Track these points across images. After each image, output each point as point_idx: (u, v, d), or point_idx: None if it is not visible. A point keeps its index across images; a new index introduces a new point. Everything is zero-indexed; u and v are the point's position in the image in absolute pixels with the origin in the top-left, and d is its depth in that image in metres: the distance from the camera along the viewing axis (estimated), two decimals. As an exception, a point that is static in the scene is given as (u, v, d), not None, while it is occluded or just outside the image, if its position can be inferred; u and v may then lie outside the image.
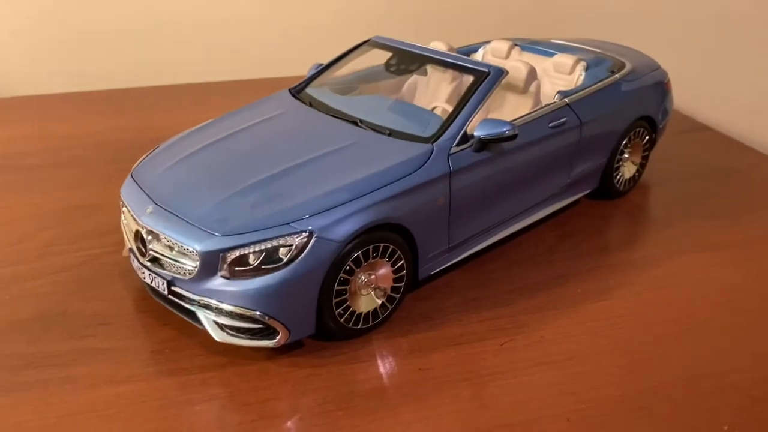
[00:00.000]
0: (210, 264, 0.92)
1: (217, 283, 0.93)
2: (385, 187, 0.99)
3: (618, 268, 1.24)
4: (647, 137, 1.46)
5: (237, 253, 0.92)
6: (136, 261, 1.03)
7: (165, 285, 0.98)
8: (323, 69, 1.34)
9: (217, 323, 0.96)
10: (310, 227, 0.93)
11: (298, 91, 1.30)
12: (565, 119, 1.25)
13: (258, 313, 0.92)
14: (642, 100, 1.42)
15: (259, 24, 2.16)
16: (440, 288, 1.16)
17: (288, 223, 0.93)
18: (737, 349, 1.05)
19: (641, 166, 1.49)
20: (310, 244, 0.92)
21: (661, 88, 1.48)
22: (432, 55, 1.24)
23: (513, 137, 1.10)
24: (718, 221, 1.40)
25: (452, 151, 1.08)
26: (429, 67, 1.31)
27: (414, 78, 1.37)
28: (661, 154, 1.69)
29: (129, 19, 2.06)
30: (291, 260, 0.92)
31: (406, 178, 1.02)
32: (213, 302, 0.94)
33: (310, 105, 1.23)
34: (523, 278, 1.20)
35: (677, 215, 1.43)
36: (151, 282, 1.00)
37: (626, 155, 1.44)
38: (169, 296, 0.99)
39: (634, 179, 1.48)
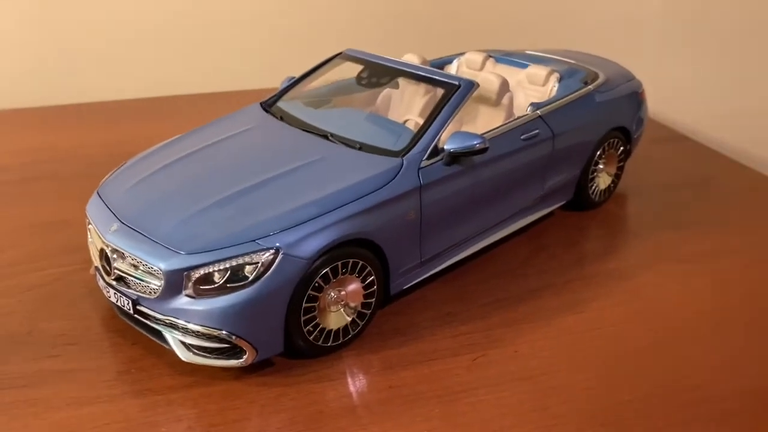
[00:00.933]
0: (175, 283, 0.91)
1: (183, 302, 0.92)
2: (354, 202, 0.98)
3: (593, 280, 1.23)
4: (622, 148, 1.46)
5: (202, 271, 0.90)
6: (101, 280, 1.01)
7: (130, 304, 0.96)
8: (295, 82, 1.33)
9: (183, 343, 0.94)
10: (276, 244, 0.91)
11: (269, 104, 1.28)
12: (537, 131, 1.24)
13: (224, 332, 0.91)
14: (616, 110, 1.42)
15: (231, 36, 2.15)
16: (413, 303, 1.15)
17: (254, 240, 0.92)
18: (711, 361, 1.05)
19: (616, 177, 1.49)
20: (276, 262, 0.91)
21: (635, 98, 1.49)
22: (403, 68, 1.23)
23: (483, 150, 1.09)
24: (693, 232, 1.40)
25: (423, 164, 1.07)
26: (401, 80, 1.31)
27: (387, 91, 1.36)
28: (638, 164, 1.69)
29: (101, 34, 2.04)
30: (257, 278, 0.90)
31: (375, 193, 1.01)
32: (179, 321, 0.92)
33: (281, 119, 1.22)
34: (498, 292, 1.19)
35: (652, 226, 1.43)
36: (117, 301, 0.99)
37: (601, 166, 1.43)
38: (135, 315, 0.97)
39: (609, 190, 1.48)
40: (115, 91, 2.02)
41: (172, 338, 0.94)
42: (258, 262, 0.90)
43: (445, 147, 1.08)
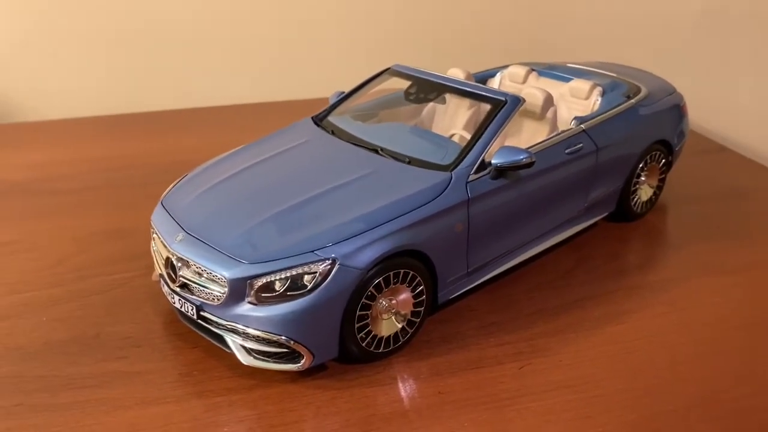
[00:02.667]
0: (238, 290, 0.96)
1: (244, 308, 0.97)
2: (405, 215, 1.03)
3: (635, 291, 1.26)
4: (663, 160, 1.48)
5: (264, 280, 0.96)
6: (166, 286, 1.07)
7: (194, 310, 1.02)
8: (345, 97, 1.38)
9: (244, 347, 0.99)
10: (333, 255, 0.96)
11: (320, 118, 1.34)
12: (581, 145, 1.27)
13: (283, 337, 0.96)
14: (658, 124, 1.44)
15: (282, 47, 2.22)
16: (460, 311, 1.19)
17: (312, 251, 0.97)
18: (752, 372, 1.07)
19: (658, 189, 1.51)
20: (333, 272, 0.96)
21: (677, 111, 1.51)
22: (450, 84, 1.27)
23: (530, 164, 1.13)
24: (735, 243, 1.42)
25: (470, 178, 1.11)
26: (447, 95, 1.35)
27: (432, 105, 1.40)
28: (680, 175, 1.71)
29: (158, 42, 2.12)
30: (315, 287, 0.96)
31: (425, 206, 1.05)
32: (240, 327, 0.98)
33: (333, 133, 1.27)
34: (542, 302, 1.22)
35: (694, 237, 1.44)
36: (181, 307, 1.05)
37: (643, 178, 1.46)
38: (198, 321, 1.03)
39: (651, 201, 1.50)
40: (172, 99, 2.10)
41: (233, 342, 1.00)
42: (316, 272, 0.96)
43: (492, 161, 1.12)
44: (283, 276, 0.96)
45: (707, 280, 1.30)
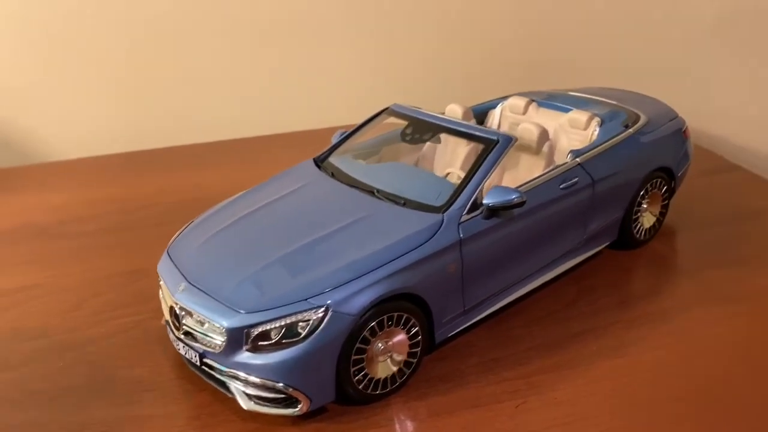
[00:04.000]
0: (236, 339, 1.00)
1: (243, 356, 1.01)
2: (398, 259, 1.06)
3: (635, 323, 1.26)
4: (665, 187, 1.48)
5: (260, 329, 1.00)
6: (171, 333, 1.12)
7: (197, 357, 1.06)
8: (346, 137, 1.42)
9: (245, 393, 1.03)
10: (326, 302, 1.00)
11: (322, 159, 1.38)
12: (576, 179, 1.29)
13: (280, 384, 1.00)
14: (658, 151, 1.44)
15: (293, 78, 2.27)
16: (458, 349, 1.21)
17: (306, 299, 1.00)
18: (753, 408, 1.07)
19: (661, 215, 1.51)
20: (326, 319, 0.99)
21: (678, 137, 1.51)
22: (444, 124, 1.30)
23: (521, 204, 1.15)
24: (741, 270, 1.41)
25: (462, 219, 1.14)
26: (442, 135, 1.37)
27: (435, 142, 1.43)
28: (688, 197, 1.70)
29: (171, 75, 2.18)
30: (309, 334, 0.99)
31: (417, 249, 1.08)
32: (240, 374, 1.02)
33: (332, 175, 1.30)
34: (541, 336, 1.24)
35: (699, 264, 1.44)
36: (185, 354, 1.09)
37: (645, 206, 1.46)
38: (202, 367, 1.07)
39: (654, 228, 1.50)
40: (188, 134, 2.16)
41: (235, 388, 1.04)
42: (310, 320, 0.99)
43: (485, 201, 1.14)
44: (278, 325, 0.99)
45: (710, 310, 1.29)
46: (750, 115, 2.64)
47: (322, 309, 0.99)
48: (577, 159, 1.31)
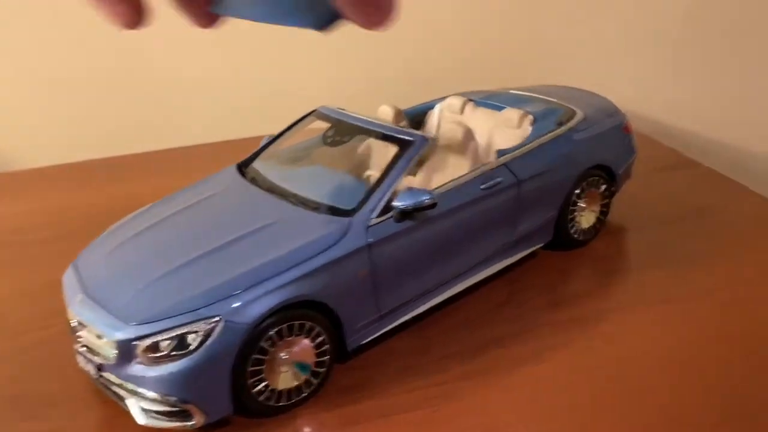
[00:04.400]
0: (126, 352, 0.97)
1: (136, 369, 0.98)
2: (298, 265, 1.02)
3: (562, 326, 1.22)
4: (604, 186, 1.44)
5: (148, 341, 0.96)
6: (74, 345, 1.09)
7: (95, 370, 1.03)
8: (271, 141, 1.38)
9: (140, 407, 1.00)
10: (218, 312, 0.96)
11: (246, 164, 1.34)
12: (499, 179, 1.25)
13: (172, 398, 0.96)
14: (593, 149, 1.40)
15: (236, 86, 2.23)
16: (376, 356, 1.17)
17: (196, 310, 0.97)
18: (680, 412, 1.02)
19: (602, 214, 1.46)
20: (217, 330, 0.96)
21: (617, 133, 1.47)
22: (363, 126, 1.26)
23: (432, 206, 1.11)
24: (680, 270, 1.37)
25: (372, 222, 1.10)
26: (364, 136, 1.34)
27: (359, 145, 1.39)
28: (639, 194, 1.67)
29: (115, 87, 2.16)
30: (199, 346, 0.95)
31: (320, 255, 1.04)
32: (133, 387, 0.98)
33: (253, 180, 1.27)
34: (462, 342, 1.20)
35: (639, 264, 1.40)
36: (85, 366, 1.06)
37: (582, 204, 1.42)
38: (100, 380, 1.04)
39: (595, 228, 1.46)
40: (134, 143, 2.13)
41: (131, 402, 1.00)
42: (199, 331, 0.96)
43: (394, 204, 1.11)
44: (166, 336, 0.96)
45: (642, 312, 1.25)
46: (713, 110, 2.60)
47: (213, 319, 0.96)
48: (501, 159, 1.27)
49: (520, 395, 1.07)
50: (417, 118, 1.56)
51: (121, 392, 1.01)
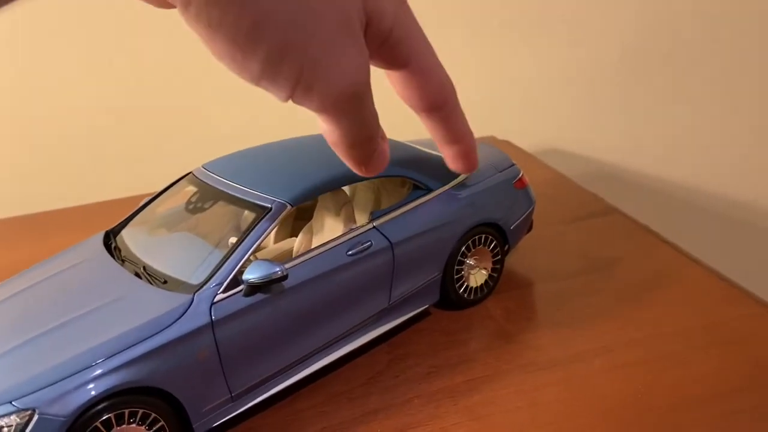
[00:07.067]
0: (-62, 448, 0.91)
1: (-47, 466, 0.91)
2: (127, 349, 0.96)
3: (434, 398, 1.16)
4: (494, 243, 1.39)
5: (-43, 436, 0.90)
6: None
7: None
8: (145, 205, 1.33)
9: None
10: (32, 405, 0.90)
11: (116, 232, 1.29)
12: (369, 243, 1.20)
13: (-18, 500, 0.90)
14: (479, 206, 1.36)
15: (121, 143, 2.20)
16: (231, 437, 1.11)
17: (10, 402, 0.91)
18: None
19: (494, 272, 1.41)
20: (32, 423, 0.90)
21: (507, 188, 1.42)
22: (223, 190, 1.21)
23: (283, 278, 1.06)
24: (566, 332, 1.32)
25: (217, 299, 1.04)
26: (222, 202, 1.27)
27: (222, 210, 1.32)
28: (550, 245, 1.62)
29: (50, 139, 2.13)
30: (12, 441, 0.90)
31: (153, 337, 0.99)
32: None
33: (115, 249, 1.22)
34: (330, 417, 1.14)
35: (528, 326, 1.34)
36: None
37: (471, 262, 1.37)
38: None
39: (487, 285, 1.41)
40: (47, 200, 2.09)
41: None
42: (12, 425, 0.90)
43: (243, 278, 1.06)
44: (-23, 431, 0.90)
45: (519, 380, 1.19)
46: (640, 153, 2.59)
47: (27, 412, 0.90)
48: (372, 222, 1.23)
49: (374, 479, 1.01)
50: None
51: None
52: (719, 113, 2.65)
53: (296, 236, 1.33)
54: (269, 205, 1.13)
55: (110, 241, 1.27)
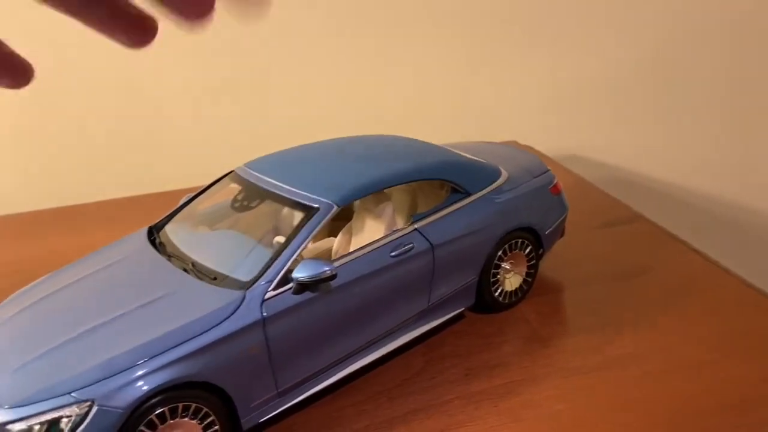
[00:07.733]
0: (0, 435, 0.93)
1: (8, 453, 0.93)
2: (182, 344, 0.98)
3: (474, 399, 1.18)
4: (529, 247, 1.41)
5: (19, 426, 0.92)
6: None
7: (-28, 453, 0.98)
8: (188, 202, 1.35)
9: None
10: (91, 396, 0.92)
11: (158, 227, 1.31)
12: (411, 245, 1.22)
13: (41, 487, 0.91)
14: (516, 210, 1.37)
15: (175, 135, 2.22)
16: (276, 433, 1.13)
17: (69, 393, 0.92)
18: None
19: (528, 276, 1.43)
20: (90, 415, 0.91)
21: (544, 193, 1.44)
22: (270, 190, 1.23)
23: (332, 278, 1.08)
24: (600, 337, 1.33)
25: (267, 296, 1.06)
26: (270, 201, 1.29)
27: (267, 209, 1.35)
28: (578, 252, 1.64)
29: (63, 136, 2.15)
30: (72, 431, 0.91)
31: (207, 333, 1.00)
32: (6, 475, 0.94)
33: (161, 245, 1.24)
34: (372, 416, 1.15)
35: (561, 330, 1.36)
36: (-37, 449, 1.01)
37: (507, 267, 1.39)
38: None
39: (521, 289, 1.43)
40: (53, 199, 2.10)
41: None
42: (71, 416, 0.91)
43: (293, 276, 1.07)
44: (38, 421, 0.91)
45: (557, 383, 1.21)
46: (667, 160, 2.60)
47: (86, 404, 0.92)
48: (415, 225, 1.24)
49: (419, 478, 1.03)
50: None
51: (-5, 480, 0.97)
52: (741, 120, 2.66)
53: (334, 236, 1.35)
54: (317, 206, 1.15)
55: (153, 236, 1.29)
